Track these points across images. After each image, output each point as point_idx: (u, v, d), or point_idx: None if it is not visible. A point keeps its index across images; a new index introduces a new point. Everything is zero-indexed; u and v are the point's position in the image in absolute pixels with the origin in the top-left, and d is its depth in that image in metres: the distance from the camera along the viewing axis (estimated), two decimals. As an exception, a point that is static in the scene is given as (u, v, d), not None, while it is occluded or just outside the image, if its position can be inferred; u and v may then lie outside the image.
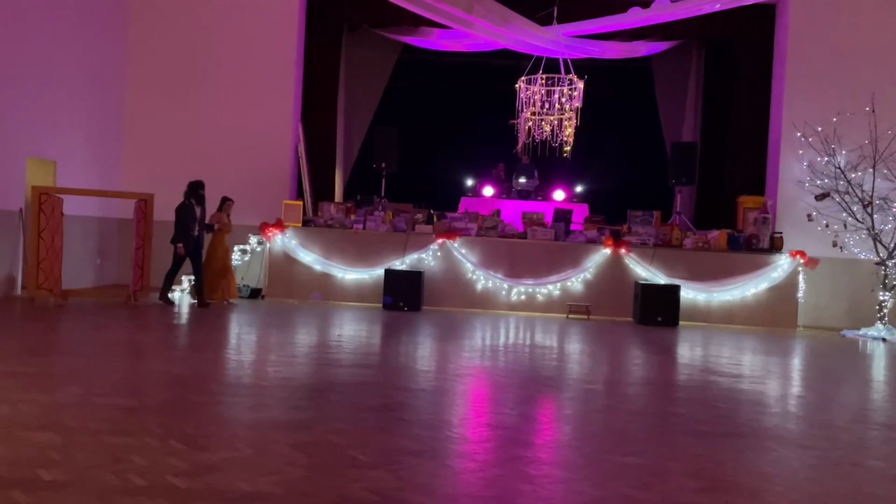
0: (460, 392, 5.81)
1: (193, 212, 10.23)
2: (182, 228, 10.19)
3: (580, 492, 3.48)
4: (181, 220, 10.20)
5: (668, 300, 11.04)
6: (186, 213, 10.20)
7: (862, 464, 4.22)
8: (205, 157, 12.61)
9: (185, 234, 10.16)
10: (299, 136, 13.00)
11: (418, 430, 4.42)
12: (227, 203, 11.00)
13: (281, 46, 12.75)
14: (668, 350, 8.75)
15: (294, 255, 11.77)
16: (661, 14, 10.92)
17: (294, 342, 7.85)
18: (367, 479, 3.46)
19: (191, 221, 10.18)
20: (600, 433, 4.68)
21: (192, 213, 10.20)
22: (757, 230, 11.67)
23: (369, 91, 14.60)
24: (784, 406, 5.92)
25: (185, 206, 10.25)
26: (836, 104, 11.36)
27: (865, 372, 8.13)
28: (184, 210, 10.24)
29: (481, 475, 3.69)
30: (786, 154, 12.08)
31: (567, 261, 11.60)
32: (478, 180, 15.10)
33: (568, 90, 11.54)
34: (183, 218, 10.20)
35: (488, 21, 10.50)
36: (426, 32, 13.48)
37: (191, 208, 10.22)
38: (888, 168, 11.00)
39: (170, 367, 5.99)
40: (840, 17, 11.95)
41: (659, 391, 6.25)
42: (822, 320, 11.72)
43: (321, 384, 5.67)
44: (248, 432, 4.19)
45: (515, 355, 7.74)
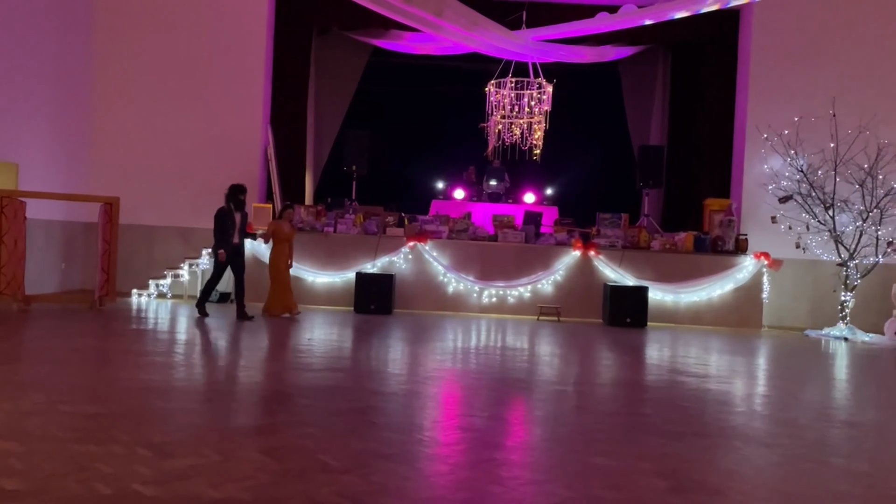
0: (431, 395, 5.82)
1: (232, 217, 9.61)
2: (221, 235, 9.56)
3: (551, 493, 3.50)
4: (220, 226, 9.59)
5: (636, 301, 11.17)
6: (225, 219, 9.58)
7: (825, 461, 4.31)
8: (173, 159, 12.46)
9: (225, 241, 9.54)
10: (269, 139, 12.90)
11: (389, 434, 4.41)
12: (287, 210, 10.34)
13: (250, 49, 12.65)
14: (637, 351, 8.85)
15: (263, 259, 11.63)
16: (628, 19, 11.05)
17: (264, 346, 7.77)
18: (338, 484, 3.44)
19: (230, 227, 9.56)
20: (571, 434, 4.71)
21: (231, 218, 9.59)
22: (722, 232, 11.87)
23: (339, 93, 14.55)
24: (750, 405, 6.02)
25: (224, 212, 9.63)
26: (799, 108, 11.61)
27: (828, 371, 8.31)
28: (223, 216, 9.62)
29: (452, 478, 3.69)
30: (750, 157, 12.31)
31: (537, 263, 11.68)
32: (449, 183, 15.13)
33: (537, 94, 11.63)
34: (221, 224, 9.59)
35: (458, 24, 10.53)
36: (396, 35, 13.48)
37: (230, 214, 9.61)
38: (849, 171, 11.26)
39: (136, 374, 5.89)
40: (802, 24, 12.22)
41: (628, 392, 6.32)
42: (786, 320, 11.95)
43: (291, 389, 5.62)
44: (217, 438, 4.14)
45: (486, 357, 7.77)
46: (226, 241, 9.54)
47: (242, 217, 9.82)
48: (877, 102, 11.53)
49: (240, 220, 9.71)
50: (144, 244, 12.36)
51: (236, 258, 9.69)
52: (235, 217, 9.64)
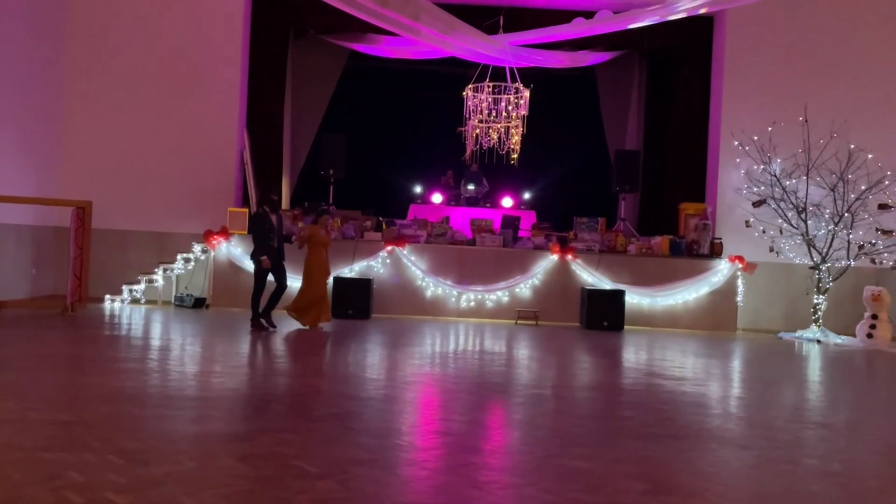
0: (409, 400, 5.79)
1: (270, 220, 9.16)
2: (260, 240, 9.15)
3: (529, 497, 3.50)
4: (257, 232, 9.20)
5: (613, 305, 11.24)
6: (263, 223, 9.14)
7: (799, 462, 4.36)
8: (147, 163, 12.32)
9: (265, 246, 9.12)
10: (245, 143, 12.80)
11: (367, 439, 4.38)
12: (324, 215, 9.89)
13: (225, 52, 12.55)
14: (614, 354, 8.90)
15: (239, 263, 11.56)
16: (604, 25, 11.15)
17: (239, 352, 7.70)
18: (315, 490, 3.41)
19: (269, 231, 9.12)
20: (549, 438, 4.72)
21: (268, 221, 9.14)
22: (698, 236, 11.99)
23: (316, 97, 14.49)
24: (725, 407, 6.08)
25: (259, 216, 9.24)
26: (772, 114, 11.78)
27: (802, 373, 8.42)
28: (258, 220, 9.22)
29: (430, 483, 3.68)
30: (724, 162, 12.46)
31: (515, 267, 11.71)
32: (426, 187, 15.13)
33: (514, 98, 11.67)
34: (259, 228, 9.19)
35: (435, 29, 10.54)
36: (374, 39, 13.46)
37: (265, 217, 9.16)
38: (820, 176, 11.44)
39: (109, 380, 5.80)
40: (774, 32, 12.41)
41: (606, 395, 6.35)
42: (761, 323, 12.10)
43: (267, 395, 5.57)
44: (192, 445, 4.09)
45: (465, 362, 7.76)
46: (266, 245, 9.09)
47: (278, 219, 9.34)
48: (847, 109, 11.74)
49: (277, 223, 9.23)
50: (118, 249, 12.19)
51: (278, 262, 9.27)
52: (272, 220, 9.16)
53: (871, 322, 10.80)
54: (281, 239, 9.32)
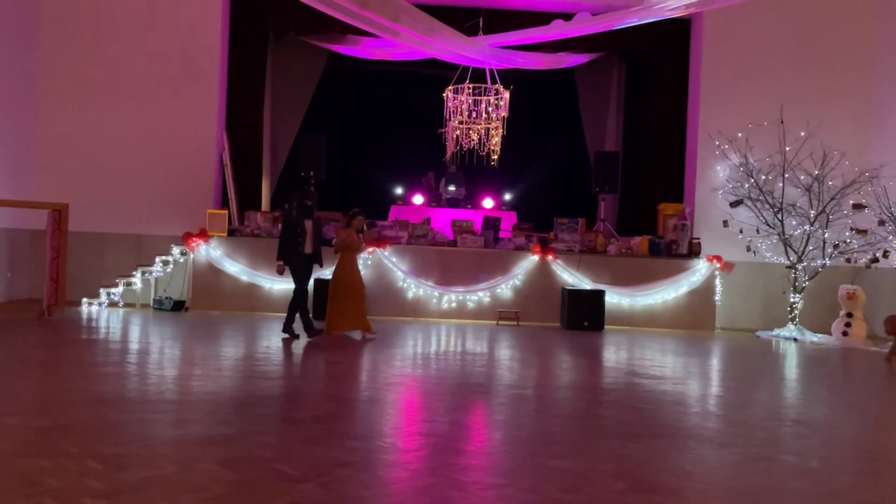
0: (391, 401, 5.79)
1: (301, 225, 8.69)
2: (286, 245, 8.68)
3: (510, 497, 3.52)
4: (285, 236, 8.75)
5: (593, 305, 11.31)
6: (293, 228, 8.70)
7: (776, 459, 4.42)
8: (124, 165, 12.19)
9: (290, 252, 8.65)
10: (224, 144, 12.71)
11: (348, 441, 4.37)
12: (356, 217, 9.20)
13: (205, 53, 12.45)
14: (595, 354, 8.96)
15: (219, 265, 11.49)
16: (582, 27, 11.21)
17: (219, 355, 7.64)
18: (296, 493, 3.40)
19: (300, 236, 8.66)
20: (530, 438, 4.74)
21: (299, 226, 8.67)
22: (676, 236, 12.10)
23: (296, 98, 14.43)
24: (704, 406, 6.14)
25: (289, 220, 8.82)
26: (748, 115, 11.91)
27: (779, 371, 8.52)
28: (288, 224, 8.79)
29: (412, 484, 3.68)
30: (702, 163, 12.59)
31: (496, 268, 11.73)
32: (407, 189, 15.12)
33: (494, 100, 11.71)
34: (287, 233, 8.73)
35: (414, 30, 10.54)
36: (354, 41, 13.43)
37: (298, 222, 8.70)
38: (796, 176, 11.59)
39: (87, 384, 5.73)
40: (750, 35, 12.55)
41: (586, 394, 6.39)
42: (738, 322, 12.23)
43: (248, 397, 5.54)
44: (171, 449, 4.05)
45: (446, 363, 7.76)
46: (293, 251, 8.64)
47: (315, 224, 8.85)
48: (822, 110, 11.90)
49: (311, 228, 8.78)
50: (95, 252, 12.05)
51: (309, 268, 8.84)
52: (305, 225, 8.72)
53: (846, 320, 10.95)
54: (318, 243, 8.85)
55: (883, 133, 12.26)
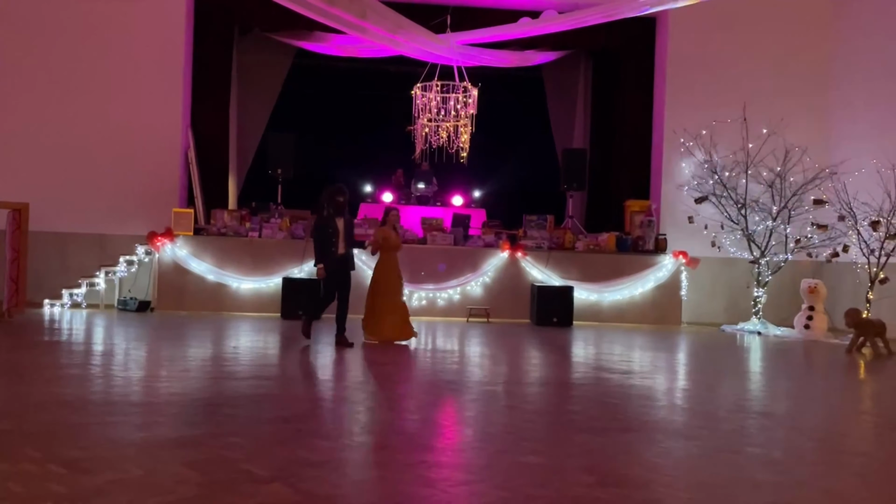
0: (361, 400, 5.77)
1: (333, 224, 8.22)
2: (320, 245, 8.22)
3: (481, 493, 3.53)
4: (318, 237, 8.28)
5: (562, 301, 11.41)
6: (325, 228, 8.23)
7: (741, 451, 4.49)
8: (86, 163, 11.96)
9: (325, 253, 8.20)
10: (189, 142, 12.53)
11: (318, 441, 4.34)
12: (391, 214, 8.89)
13: (168, 49, 12.26)
14: (564, 349, 9.03)
15: (185, 265, 11.34)
16: (549, 25, 11.29)
17: (186, 356, 7.54)
18: (265, 494, 3.37)
19: (332, 236, 8.18)
20: (501, 434, 4.75)
21: (331, 226, 8.21)
22: (643, 232, 12.26)
23: (263, 96, 14.29)
24: (670, 399, 6.23)
25: (321, 219, 8.35)
26: (712, 113, 12.10)
27: (743, 364, 8.68)
28: (320, 223, 8.32)
29: (383, 483, 3.67)
30: (668, 160, 12.76)
31: (466, 265, 11.76)
32: (377, 186, 15.06)
33: (463, 97, 11.72)
34: (321, 234, 8.27)
35: (382, 27, 10.51)
36: (321, 37, 13.33)
37: (330, 221, 8.23)
38: (759, 172, 11.80)
39: (50, 388, 5.61)
40: (714, 33, 12.76)
41: (556, 390, 6.44)
42: (704, 316, 12.43)
43: (216, 398, 5.47)
44: (137, 452, 3.98)
45: (417, 360, 7.75)
46: (326, 252, 8.17)
47: (346, 223, 8.34)
48: (784, 107, 12.14)
49: (343, 227, 8.27)
50: (57, 252, 11.80)
51: (342, 271, 8.31)
52: (337, 224, 8.24)
53: (808, 314, 11.18)
54: (350, 244, 8.36)
55: (842, 130, 12.55)
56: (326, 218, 8.25)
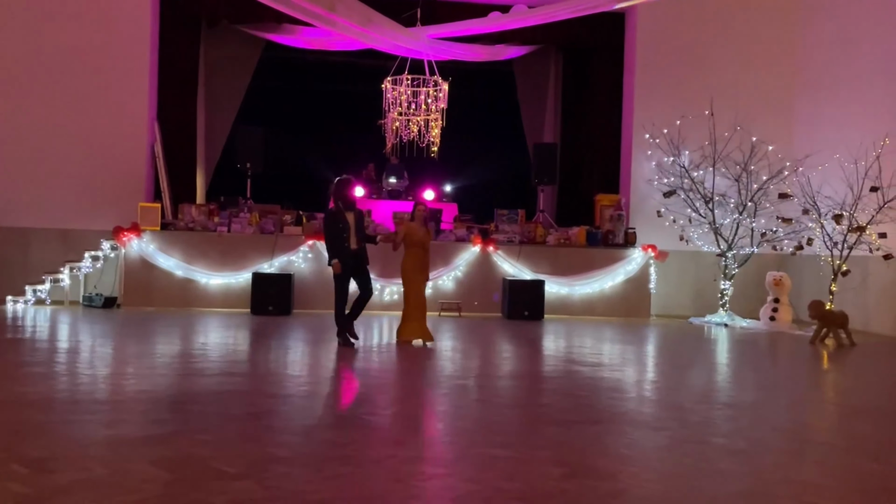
0: (332, 395, 5.75)
1: (344, 218, 7.88)
2: (332, 240, 7.88)
3: (450, 487, 3.54)
4: (329, 232, 7.90)
5: (533, 295, 11.47)
6: (336, 222, 7.88)
7: (707, 441, 4.57)
8: (50, 157, 11.73)
9: (338, 248, 7.85)
10: (155, 135, 12.33)
11: (288, 437, 4.32)
12: (417, 208, 8.43)
13: (134, 41, 12.04)
14: (535, 343, 9.09)
15: (152, 260, 11.17)
16: (519, 19, 11.32)
17: (154, 353, 7.44)
18: (234, 491, 3.34)
19: (343, 231, 7.82)
20: (471, 428, 4.78)
21: (342, 220, 7.87)
22: (612, 226, 12.37)
23: (232, 89, 14.10)
24: (639, 391, 6.31)
25: (330, 214, 8.01)
26: (680, 108, 12.24)
27: (710, 356, 8.82)
28: (331, 218, 7.95)
29: (352, 477, 3.67)
30: (637, 154, 12.88)
31: (438, 259, 11.74)
32: (348, 181, 14.95)
33: (433, 91, 11.70)
34: (331, 228, 7.89)
35: (351, 20, 10.45)
36: (290, 30, 13.20)
37: (340, 214, 7.89)
38: (726, 167, 11.97)
39: (12, 386, 5.50)
40: (682, 30, 12.91)
41: (526, 383, 6.48)
42: (672, 309, 12.60)
43: (183, 395, 5.41)
44: (102, 451, 3.93)
45: (388, 355, 7.75)
46: (339, 248, 7.84)
47: (357, 217, 8.03)
48: (749, 103, 12.33)
49: (354, 221, 7.95)
50: (19, 247, 11.55)
51: (356, 266, 7.97)
52: (347, 218, 7.91)
53: (773, 305, 11.39)
54: (362, 239, 8.05)
55: (806, 125, 12.78)
56: (336, 212, 7.94)
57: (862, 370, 7.98)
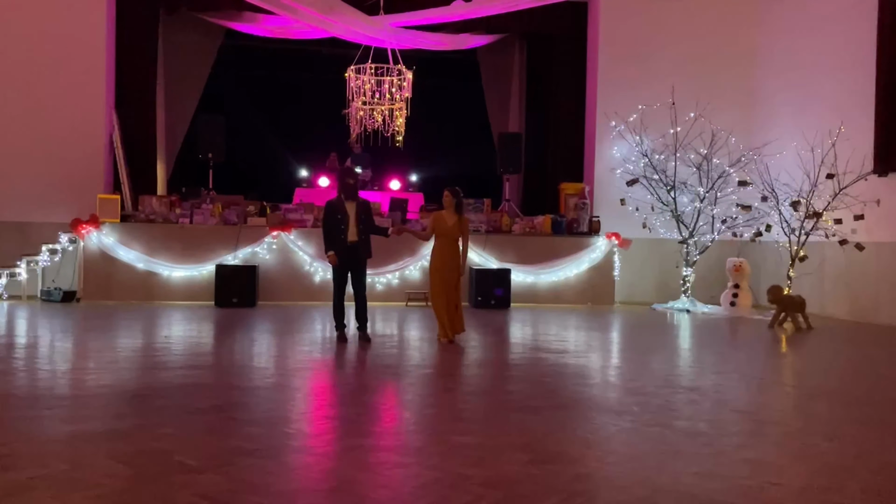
0: (298, 387, 5.72)
1: (343, 209, 7.60)
2: (327, 231, 7.62)
3: (416, 475, 3.56)
4: (326, 223, 7.65)
5: (500, 283, 11.52)
6: (333, 213, 7.61)
7: (669, 424, 4.66)
8: (4, 148, 11.42)
9: (333, 240, 7.59)
10: (114, 125, 12.07)
11: (252, 429, 4.29)
12: (446, 195, 7.91)
13: (88, 28, 11.76)
14: (501, 331, 9.15)
15: (112, 253, 10.97)
16: (482, 8, 11.31)
17: (115, 347, 7.31)
18: (197, 485, 3.31)
19: (340, 222, 7.55)
20: (437, 416, 4.80)
21: (340, 210, 7.59)
22: (577, 214, 12.48)
23: (192, 77, 13.86)
24: (604, 377, 6.40)
25: (329, 204, 7.72)
26: (642, 96, 12.38)
27: (672, 341, 8.97)
28: (328, 209, 7.68)
29: (318, 468, 3.66)
30: (600, 143, 13.00)
31: (404, 250, 11.74)
32: (313, 171, 14.85)
33: (397, 80, 11.64)
34: (327, 219, 7.64)
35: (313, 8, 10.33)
36: (251, 17, 13.00)
37: (339, 205, 7.62)
38: (687, 155, 12.14)
39: (-34, 383, 5.37)
40: (644, 19, 13.02)
41: (493, 371, 6.52)
42: (636, 296, 12.77)
43: (146, 389, 5.33)
44: (62, 447, 3.86)
45: (355, 345, 7.72)
46: (335, 239, 7.57)
47: (360, 207, 7.66)
48: (710, 91, 12.50)
49: (356, 212, 7.61)
50: (-27, 241, 11.24)
51: (353, 259, 7.66)
52: (347, 209, 7.61)
53: (733, 291, 11.61)
54: (365, 230, 7.68)
55: (765, 114, 13.02)
56: (336, 202, 7.66)
57: (818, 353, 8.20)
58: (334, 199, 7.76)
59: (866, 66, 10.64)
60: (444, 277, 7.67)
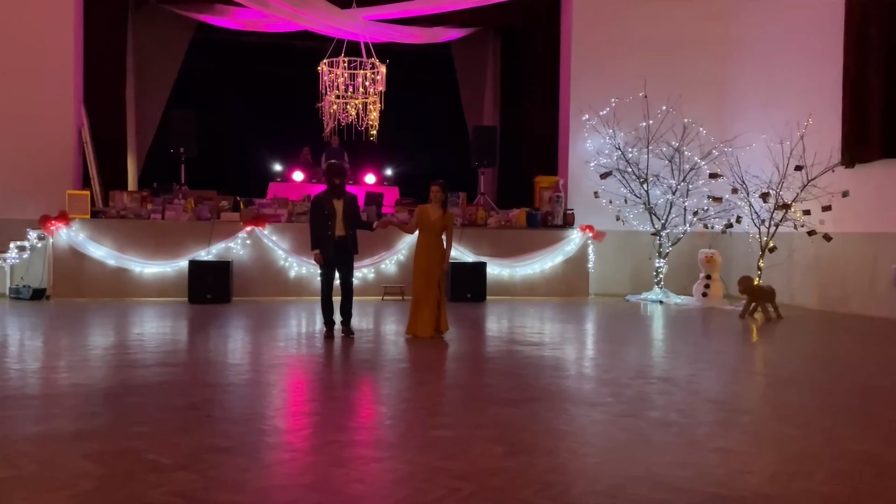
0: (273, 383, 5.69)
1: (330, 205, 7.55)
2: (315, 228, 7.58)
3: (392, 469, 3.57)
4: (312, 219, 7.62)
5: (476, 277, 11.56)
6: (320, 208, 7.57)
7: (642, 415, 4.72)
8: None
9: (320, 237, 7.56)
10: (83, 120, 11.88)
11: (227, 426, 4.27)
12: (433, 188, 7.76)
13: (55, 22, 11.53)
14: (477, 324, 9.18)
15: (83, 249, 10.81)
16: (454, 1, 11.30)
17: (87, 345, 7.22)
18: (171, 483, 3.29)
19: (327, 218, 7.51)
20: (413, 410, 4.81)
21: (327, 206, 7.54)
22: (551, 208, 12.55)
23: (163, 72, 13.69)
24: (578, 369, 6.45)
25: (316, 200, 7.68)
26: (615, 90, 12.46)
27: (646, 332, 9.07)
28: (315, 205, 7.65)
29: (294, 464, 3.66)
30: (574, 136, 13.07)
31: (380, 243, 11.72)
32: (287, 165, 14.76)
33: (371, 74, 11.60)
34: (314, 215, 7.61)
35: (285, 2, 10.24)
36: (222, 10, 12.87)
37: (326, 201, 7.57)
38: (660, 148, 12.26)
39: (-68, 384, 5.26)
40: (616, 13, 13.11)
41: (469, 364, 6.54)
42: (610, 287, 12.89)
43: (118, 387, 5.27)
44: (32, 447, 3.81)
45: (331, 341, 7.70)
46: (322, 236, 7.54)
47: (347, 203, 7.62)
48: (681, 85, 12.63)
49: (343, 208, 7.58)
50: (-62, 239, 11.00)
51: (341, 255, 7.68)
52: (334, 205, 7.58)
53: (705, 282, 11.77)
54: (352, 226, 7.68)
55: (735, 107, 13.19)
56: (322, 198, 7.63)
57: (788, 342, 8.34)
58: (321, 195, 7.70)
59: (834, 60, 10.82)
60: (430, 281, 7.60)
